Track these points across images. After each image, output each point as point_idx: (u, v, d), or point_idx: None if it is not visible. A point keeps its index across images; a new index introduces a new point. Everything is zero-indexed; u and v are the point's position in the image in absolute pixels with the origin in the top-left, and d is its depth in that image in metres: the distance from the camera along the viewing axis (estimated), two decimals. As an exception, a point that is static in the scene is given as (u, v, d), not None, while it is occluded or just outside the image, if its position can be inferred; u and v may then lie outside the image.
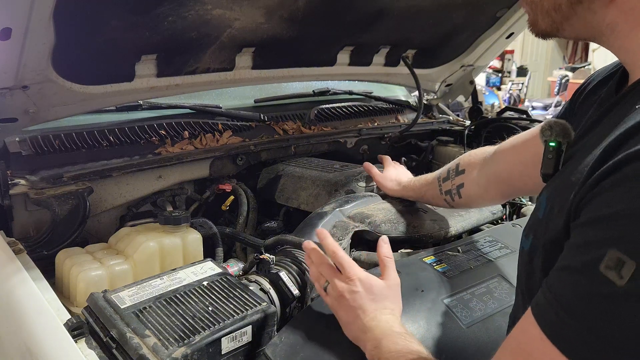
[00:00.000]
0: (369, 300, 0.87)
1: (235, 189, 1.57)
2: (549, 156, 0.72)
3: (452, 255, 1.12)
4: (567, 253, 0.57)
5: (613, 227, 0.51)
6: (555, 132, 0.72)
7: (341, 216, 1.30)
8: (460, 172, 1.22)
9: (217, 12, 1.30)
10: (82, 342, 0.86)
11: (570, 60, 10.69)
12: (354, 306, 0.87)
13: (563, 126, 0.72)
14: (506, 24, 1.93)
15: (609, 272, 0.49)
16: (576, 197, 0.57)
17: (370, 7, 1.55)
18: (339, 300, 0.89)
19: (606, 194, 0.53)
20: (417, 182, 1.36)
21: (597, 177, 0.54)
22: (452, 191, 1.24)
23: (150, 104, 1.62)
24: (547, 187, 0.72)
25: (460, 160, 1.25)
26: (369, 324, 0.84)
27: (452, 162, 1.28)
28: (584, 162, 0.60)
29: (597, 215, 0.53)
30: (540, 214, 0.69)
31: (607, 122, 0.64)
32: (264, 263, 1.10)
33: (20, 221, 1.27)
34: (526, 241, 0.74)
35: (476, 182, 1.18)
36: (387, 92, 2.33)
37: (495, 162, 1.13)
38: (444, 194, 1.26)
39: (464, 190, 1.21)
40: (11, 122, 1.26)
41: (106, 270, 1.12)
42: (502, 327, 0.94)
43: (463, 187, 1.21)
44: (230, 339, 0.86)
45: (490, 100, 7.34)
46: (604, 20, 0.64)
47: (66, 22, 1.09)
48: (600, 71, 0.84)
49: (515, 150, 1.07)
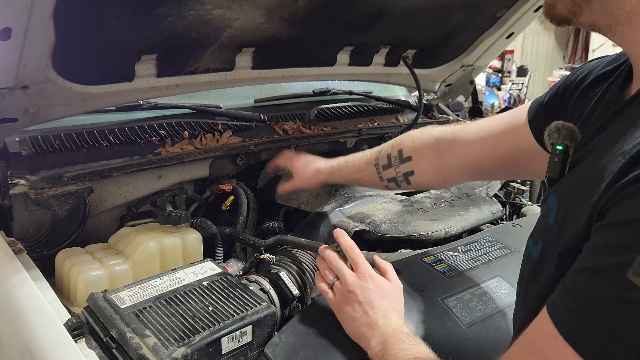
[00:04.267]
0: (379, 297, 0.88)
1: (235, 189, 1.57)
2: (556, 159, 0.71)
3: (452, 255, 1.12)
4: (588, 254, 0.55)
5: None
6: (563, 135, 0.71)
7: (341, 216, 1.30)
8: (405, 159, 1.18)
9: (217, 12, 1.30)
10: (82, 342, 0.86)
11: (570, 60, 10.68)
12: (363, 301, 0.87)
13: (571, 129, 0.71)
14: (506, 24, 1.93)
15: (636, 278, 0.48)
16: (601, 199, 0.56)
17: (370, 7, 1.54)
18: (347, 295, 0.89)
19: (637, 198, 0.51)
20: (344, 168, 1.31)
21: (629, 179, 0.53)
22: (397, 179, 1.20)
23: (150, 104, 1.62)
24: (555, 192, 0.70)
25: (402, 146, 1.20)
26: (379, 321, 0.84)
27: (387, 146, 1.23)
28: (601, 165, 0.59)
29: (625, 218, 0.52)
30: (551, 220, 0.68)
31: (618, 125, 0.63)
32: (264, 263, 1.10)
33: (20, 221, 1.27)
34: (535, 248, 0.73)
35: (433, 170, 1.14)
36: (387, 92, 2.32)
37: (463, 151, 1.09)
38: (385, 181, 1.22)
39: (415, 178, 1.17)
40: (11, 122, 1.26)
41: (106, 270, 1.12)
42: (502, 327, 0.95)
43: (413, 174, 1.17)
44: (230, 339, 0.86)
45: (490, 100, 7.32)
46: (624, 7, 0.62)
47: (66, 22, 1.08)
48: (594, 64, 0.82)
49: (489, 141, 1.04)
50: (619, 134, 0.59)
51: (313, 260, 1.16)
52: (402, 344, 0.78)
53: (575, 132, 0.71)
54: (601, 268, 0.52)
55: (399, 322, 0.85)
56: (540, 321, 0.57)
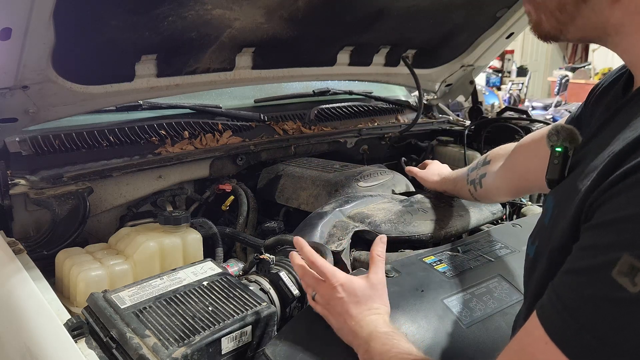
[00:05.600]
0: (352, 304, 0.87)
1: (235, 189, 1.57)
2: (555, 162, 0.70)
3: (452, 255, 1.12)
4: (575, 255, 0.55)
5: (627, 230, 0.49)
6: (562, 137, 0.71)
7: (341, 216, 1.30)
8: (486, 162, 1.22)
9: (217, 12, 1.30)
10: (82, 342, 0.86)
11: (570, 60, 10.69)
12: (341, 312, 0.87)
13: (570, 131, 0.71)
14: (506, 24, 1.93)
15: (621, 278, 0.48)
16: (588, 200, 0.56)
17: (370, 7, 1.55)
18: (327, 307, 0.89)
19: (621, 197, 0.51)
20: (454, 174, 1.38)
21: (613, 179, 0.53)
22: (475, 180, 1.24)
23: (150, 104, 1.62)
24: (553, 193, 0.70)
25: (490, 152, 1.25)
26: (355, 329, 0.84)
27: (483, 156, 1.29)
28: (591, 166, 0.59)
29: (610, 217, 0.52)
30: (546, 220, 0.68)
31: (614, 125, 0.63)
32: (264, 263, 1.10)
33: (20, 221, 1.27)
34: (532, 247, 0.73)
35: (495, 174, 1.17)
36: (387, 92, 2.33)
37: (515, 155, 1.12)
38: (469, 183, 1.26)
39: (486, 181, 1.21)
40: (11, 122, 1.26)
41: (106, 270, 1.12)
42: (502, 327, 0.94)
43: (485, 176, 1.21)
44: (230, 339, 0.86)
45: (490, 100, 7.33)
46: (609, 20, 0.63)
47: (66, 22, 1.09)
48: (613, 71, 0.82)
49: (535, 144, 1.06)
50: (614, 134, 0.59)
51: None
52: (380, 347, 0.78)
53: (575, 134, 0.71)
54: (587, 268, 0.52)
55: (374, 323, 0.83)
56: (531, 325, 0.57)
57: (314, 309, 0.92)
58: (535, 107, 8.08)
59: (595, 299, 0.50)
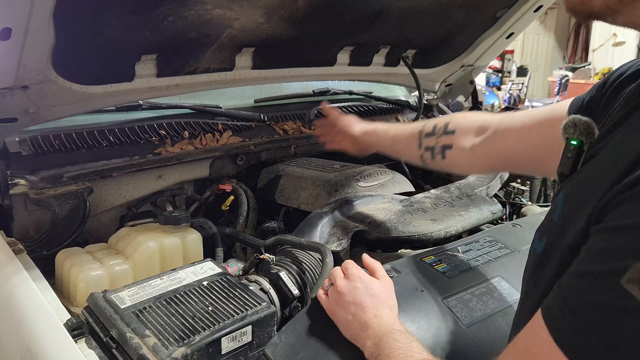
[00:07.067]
0: (368, 296, 0.88)
1: (235, 189, 1.57)
2: (569, 155, 0.68)
3: (452, 255, 1.12)
4: (584, 258, 0.54)
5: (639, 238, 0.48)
6: (579, 131, 0.68)
7: (341, 216, 1.30)
8: (449, 131, 1.15)
9: (217, 12, 1.30)
10: (82, 342, 0.86)
11: (570, 60, 10.68)
12: (353, 302, 0.87)
13: (587, 125, 0.68)
14: (506, 24, 1.93)
15: (631, 286, 0.47)
16: (601, 200, 0.54)
17: (370, 7, 1.55)
18: (338, 298, 0.89)
19: (636, 201, 0.50)
20: (386, 130, 1.30)
21: (628, 182, 0.51)
22: (434, 149, 1.17)
23: (150, 104, 1.62)
24: (564, 189, 0.69)
25: (450, 120, 1.18)
26: (370, 321, 0.84)
27: (437, 119, 1.22)
28: (607, 164, 0.57)
29: (623, 223, 0.50)
30: (556, 216, 0.66)
31: (632, 123, 0.61)
32: (264, 263, 1.10)
33: (20, 221, 1.27)
34: (539, 243, 0.71)
35: (470, 150, 1.12)
36: (387, 92, 2.33)
37: (499, 139, 1.07)
38: (423, 148, 1.19)
39: (451, 153, 1.15)
40: (11, 122, 1.26)
41: (106, 270, 1.12)
42: (502, 327, 0.94)
43: (451, 149, 1.15)
44: (230, 339, 0.86)
45: (490, 100, 7.32)
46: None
47: (66, 22, 1.08)
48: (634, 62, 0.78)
49: (526, 131, 1.01)
50: (631, 133, 0.57)
51: (313, 260, 1.16)
52: (395, 343, 0.78)
53: (592, 127, 0.68)
54: (596, 274, 0.51)
55: (391, 319, 0.84)
56: (536, 325, 0.56)
57: (320, 302, 0.93)
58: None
59: (603, 305, 0.49)
